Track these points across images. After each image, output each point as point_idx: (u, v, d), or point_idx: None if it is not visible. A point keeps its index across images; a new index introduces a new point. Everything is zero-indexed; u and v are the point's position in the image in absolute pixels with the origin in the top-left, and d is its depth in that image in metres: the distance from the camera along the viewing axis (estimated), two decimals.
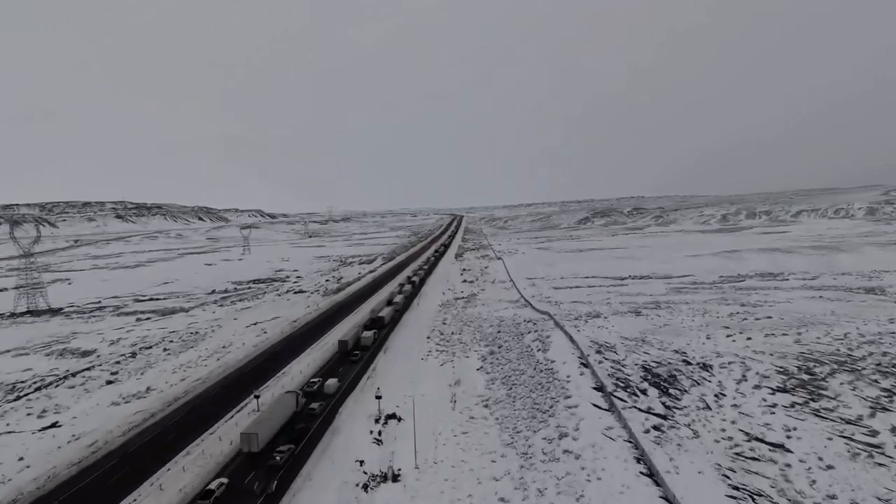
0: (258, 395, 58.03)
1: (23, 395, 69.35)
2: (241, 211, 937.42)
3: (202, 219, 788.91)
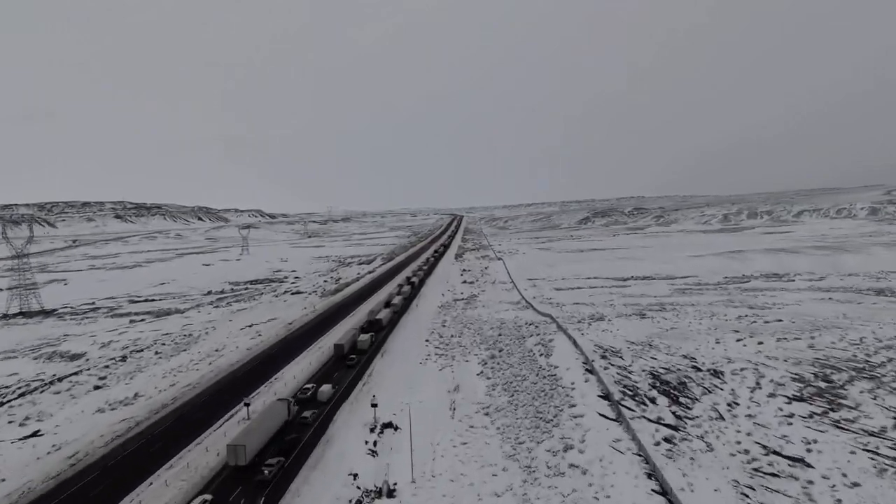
0: (248, 403, 55.50)
1: (5, 402, 66.70)
2: (240, 211, 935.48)
3: (202, 219, 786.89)
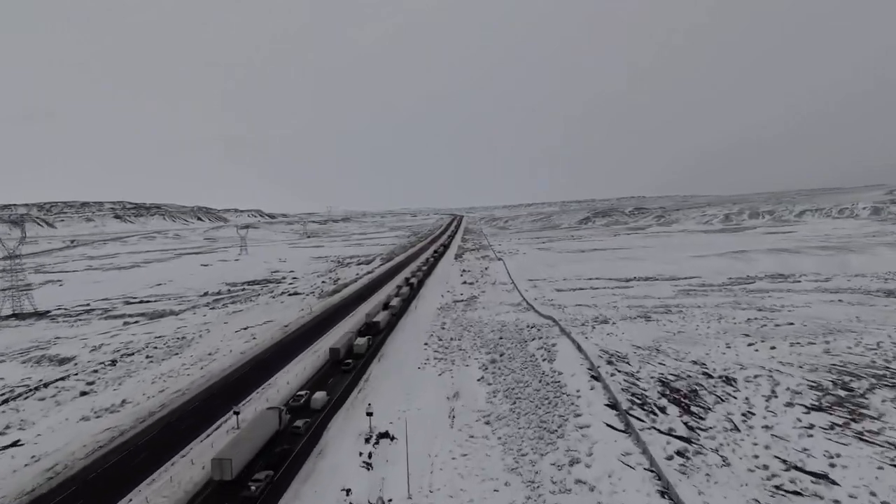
0: (238, 412, 52.98)
1: None
2: (240, 211, 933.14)
3: (201, 219, 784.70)
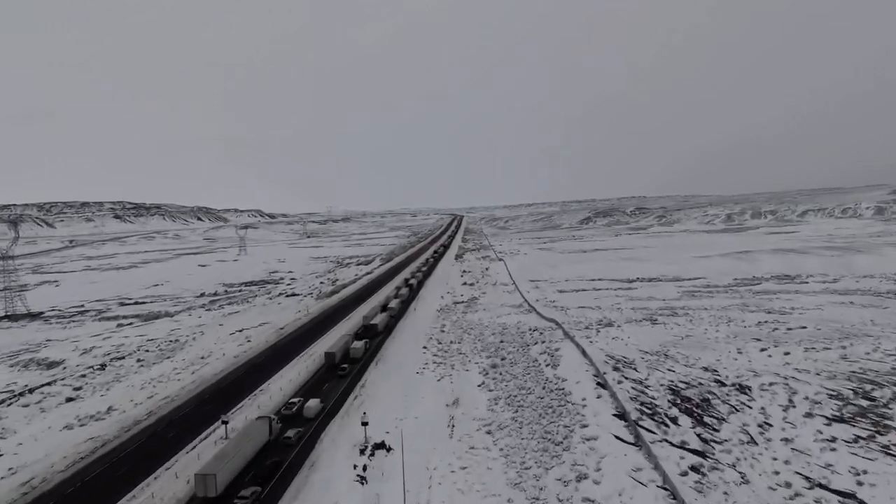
0: (227, 421, 50.47)
1: None
2: (240, 211, 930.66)
3: (201, 219, 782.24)
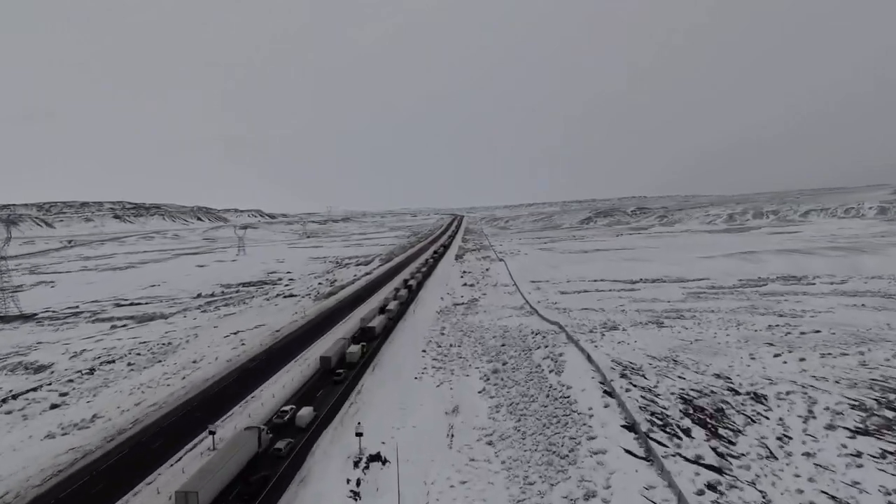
0: (213, 431, 47.91)
1: None
2: (240, 211, 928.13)
3: (201, 219, 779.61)
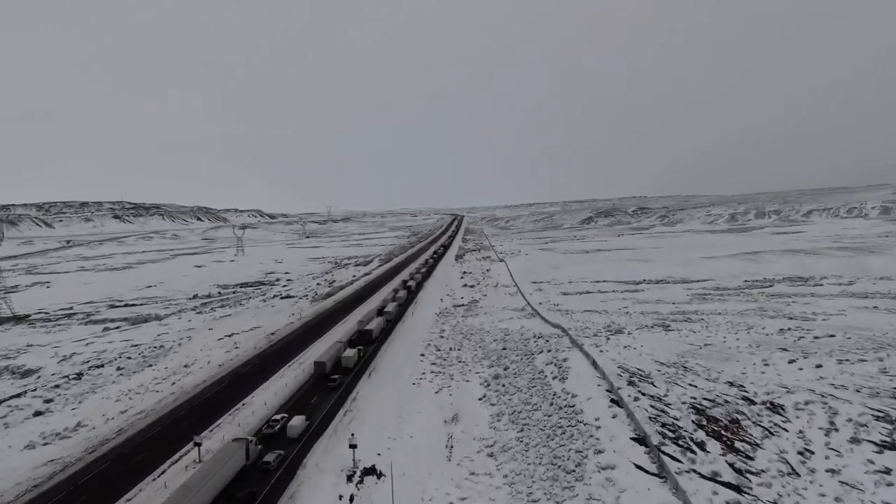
0: (199, 443, 45.39)
1: None
2: (240, 211, 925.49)
3: (201, 219, 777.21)
